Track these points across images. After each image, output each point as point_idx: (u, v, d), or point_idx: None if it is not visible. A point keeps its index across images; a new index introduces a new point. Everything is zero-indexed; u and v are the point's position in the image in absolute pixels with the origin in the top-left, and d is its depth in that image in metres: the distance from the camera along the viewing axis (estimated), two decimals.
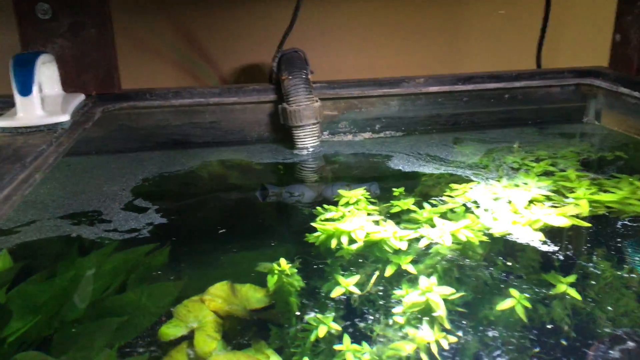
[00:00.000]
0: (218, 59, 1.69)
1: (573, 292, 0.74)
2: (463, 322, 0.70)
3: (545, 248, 0.86)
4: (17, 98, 0.98)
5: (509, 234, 0.89)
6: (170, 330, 0.71)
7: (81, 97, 1.19)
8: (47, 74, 1.13)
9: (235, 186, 1.19)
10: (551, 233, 0.89)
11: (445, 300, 0.73)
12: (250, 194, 1.14)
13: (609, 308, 0.72)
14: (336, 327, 0.70)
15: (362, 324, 0.71)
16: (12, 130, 0.97)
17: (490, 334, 0.68)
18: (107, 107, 1.26)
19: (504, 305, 0.73)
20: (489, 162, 1.21)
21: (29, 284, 0.79)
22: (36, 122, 0.98)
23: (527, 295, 0.74)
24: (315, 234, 0.91)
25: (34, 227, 0.94)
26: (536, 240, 0.87)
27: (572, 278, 0.77)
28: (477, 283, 0.78)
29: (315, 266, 0.84)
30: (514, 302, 0.73)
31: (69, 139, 0.99)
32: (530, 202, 0.99)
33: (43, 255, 0.89)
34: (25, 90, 0.97)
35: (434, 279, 0.77)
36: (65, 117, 1.01)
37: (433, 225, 0.91)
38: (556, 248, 0.86)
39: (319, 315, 0.72)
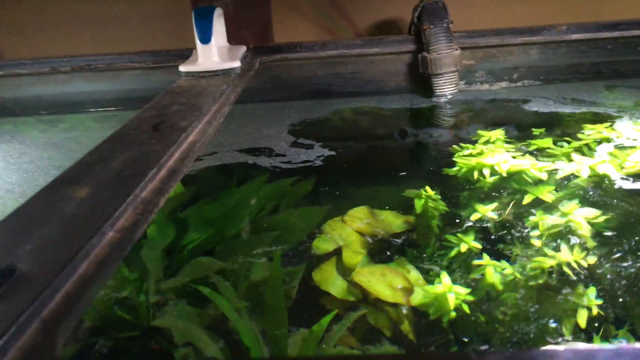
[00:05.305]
0: (354, 15, 1.77)
1: None
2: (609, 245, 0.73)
3: None
4: (199, 46, 1.13)
5: None
6: (322, 245, 0.81)
7: (243, 49, 1.33)
8: (217, 26, 1.28)
9: (377, 130, 1.29)
10: None
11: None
12: (391, 135, 1.23)
13: None
14: (476, 246, 0.76)
15: (501, 246, 0.76)
16: (194, 75, 1.13)
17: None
18: (263, 59, 1.40)
19: None
20: (638, 107, 1.19)
21: (202, 204, 0.94)
22: (214, 67, 1.13)
23: None
24: (455, 168, 0.97)
25: (216, 157, 1.10)
26: None
27: None
28: (620, 212, 0.80)
29: (455, 196, 0.90)
30: None
31: (241, 82, 1.13)
32: None
33: (214, 182, 1.04)
34: (205, 39, 1.12)
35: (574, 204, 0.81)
36: (237, 64, 1.15)
37: (571, 160, 0.94)
38: None
39: (460, 235, 0.79)
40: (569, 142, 1.02)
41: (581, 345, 0.43)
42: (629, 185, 0.87)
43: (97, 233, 0.49)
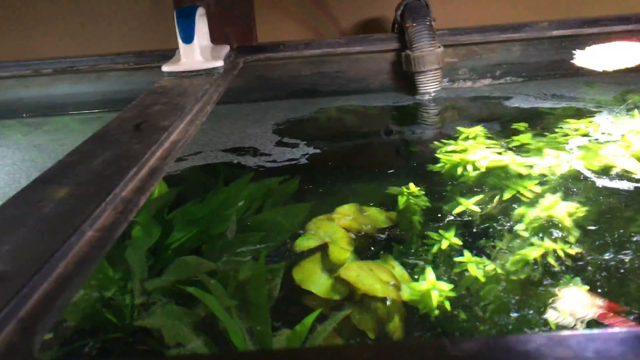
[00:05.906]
0: (338, 13, 1.77)
1: None
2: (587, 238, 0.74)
3: None
4: (181, 45, 1.13)
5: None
6: (304, 243, 0.81)
7: (227, 48, 1.33)
8: (199, 26, 1.28)
9: (361, 128, 1.29)
10: None
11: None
12: (375, 133, 1.23)
13: None
14: (457, 242, 0.76)
15: (483, 240, 0.77)
16: (177, 75, 1.13)
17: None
18: (247, 58, 1.40)
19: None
20: (617, 102, 1.21)
21: (189, 205, 0.93)
22: (197, 66, 1.12)
23: None
24: (439, 165, 0.98)
25: (200, 157, 1.10)
26: None
27: None
28: (600, 208, 0.82)
29: (439, 192, 0.91)
30: None
31: (224, 82, 1.13)
32: None
33: (199, 182, 1.04)
34: (188, 38, 1.11)
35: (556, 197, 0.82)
36: (220, 63, 1.15)
37: (549, 156, 0.96)
38: None
39: (441, 231, 0.79)
40: (549, 137, 1.03)
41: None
42: (602, 179, 0.88)
43: (75, 232, 0.49)
